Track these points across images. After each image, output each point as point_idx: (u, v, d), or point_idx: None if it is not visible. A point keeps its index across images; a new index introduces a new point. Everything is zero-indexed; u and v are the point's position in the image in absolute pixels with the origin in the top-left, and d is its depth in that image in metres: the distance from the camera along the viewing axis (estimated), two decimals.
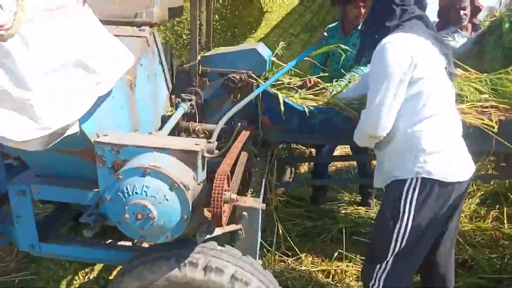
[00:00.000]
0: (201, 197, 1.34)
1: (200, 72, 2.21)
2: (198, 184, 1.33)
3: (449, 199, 1.52)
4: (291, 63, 2.07)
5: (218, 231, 1.43)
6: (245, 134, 2.07)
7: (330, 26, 3.01)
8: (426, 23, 1.64)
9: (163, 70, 2.10)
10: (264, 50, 2.25)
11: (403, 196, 1.54)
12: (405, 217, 1.52)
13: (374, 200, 3.19)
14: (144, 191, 1.21)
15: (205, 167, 1.43)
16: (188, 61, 2.23)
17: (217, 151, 1.52)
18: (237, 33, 4.30)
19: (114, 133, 1.43)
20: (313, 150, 3.23)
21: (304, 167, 3.60)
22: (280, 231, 2.37)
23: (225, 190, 1.27)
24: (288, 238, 2.43)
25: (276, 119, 2.22)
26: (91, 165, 1.39)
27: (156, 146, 1.32)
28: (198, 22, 2.21)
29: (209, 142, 1.55)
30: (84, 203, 1.56)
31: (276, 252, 2.45)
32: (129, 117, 1.69)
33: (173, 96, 2.25)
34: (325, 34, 2.89)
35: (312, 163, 3.53)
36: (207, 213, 1.41)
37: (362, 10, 2.67)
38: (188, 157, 1.32)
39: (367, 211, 3.09)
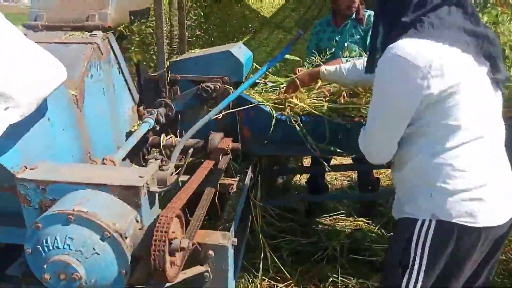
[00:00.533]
0: (149, 242, 1.09)
1: (169, 80, 1.96)
2: (141, 229, 1.07)
3: (476, 245, 1.16)
4: (266, 66, 1.79)
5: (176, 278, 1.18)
6: (219, 150, 1.82)
7: (321, 20, 2.79)
8: (462, 9, 1.14)
9: (125, 80, 1.84)
10: (240, 52, 1.99)
11: (414, 239, 1.18)
12: (416, 266, 1.18)
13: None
14: (67, 244, 0.96)
15: (156, 202, 1.18)
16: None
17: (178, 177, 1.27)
18: (227, 30, 4.04)
19: (45, 164, 1.18)
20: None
21: (298, 176, 3.32)
22: (268, 254, 2.12)
23: (172, 238, 1.01)
24: (277, 261, 2.17)
25: (257, 130, 1.97)
26: None
27: (89, 181, 1.07)
28: (167, 25, 1.95)
29: (162, 170, 1.30)
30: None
31: (264, 278, 2.19)
32: (75, 139, 1.44)
33: (141, 108, 2.00)
34: (317, 28, 2.68)
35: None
36: None
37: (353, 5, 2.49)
38: (129, 194, 1.07)
39: (368, 223, 2.82)
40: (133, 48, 2.04)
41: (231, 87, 1.93)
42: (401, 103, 1.13)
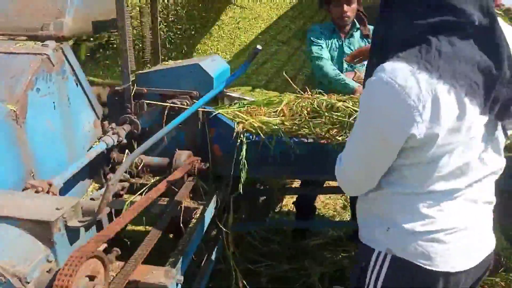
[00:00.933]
0: None
1: (135, 94, 1.83)
2: (49, 271, 0.92)
3: None
4: (224, 82, 1.65)
5: None
6: (183, 170, 1.67)
7: (319, 25, 2.56)
8: (485, 37, 0.88)
9: (84, 92, 1.71)
10: (212, 65, 1.84)
11: (369, 269, 1.10)
12: None
13: None
14: None
15: (82, 237, 1.03)
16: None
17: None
18: (216, 40, 3.91)
19: None
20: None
21: (287, 197, 3.12)
22: (240, 283, 1.94)
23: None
24: None
25: (228, 149, 1.81)
26: None
27: None
28: (130, 36, 1.81)
29: (92, 199, 1.15)
30: None
31: None
32: (14, 159, 1.31)
33: (106, 123, 1.87)
34: (321, 32, 2.45)
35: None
36: None
37: (345, 8, 2.34)
38: (40, 229, 0.92)
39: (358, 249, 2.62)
40: None
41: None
42: (387, 134, 0.94)
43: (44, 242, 0.93)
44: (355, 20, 2.46)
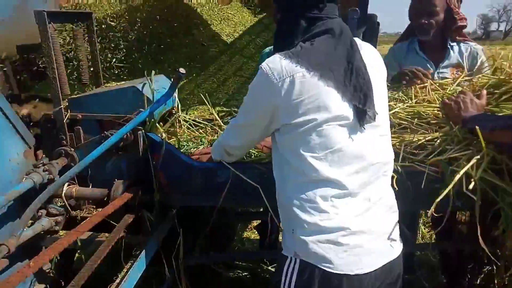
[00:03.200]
0: None
1: (70, 120, 1.69)
2: None
3: None
4: (149, 108, 1.55)
5: None
6: (121, 202, 1.53)
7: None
8: (340, 38, 1.13)
9: (10, 121, 1.56)
10: (150, 88, 1.71)
11: (283, 278, 1.13)
12: None
13: None
14: None
15: None
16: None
17: None
18: (174, 58, 3.79)
19: None
20: None
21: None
22: None
23: None
24: None
25: (174, 177, 1.68)
26: None
27: None
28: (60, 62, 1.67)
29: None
30: None
31: None
32: None
33: (39, 153, 1.71)
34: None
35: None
36: None
37: None
38: None
39: None
40: None
41: (141, 128, 1.66)
42: (254, 114, 1.18)
43: None
44: None
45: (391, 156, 1.19)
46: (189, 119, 1.97)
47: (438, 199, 1.21)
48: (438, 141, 1.39)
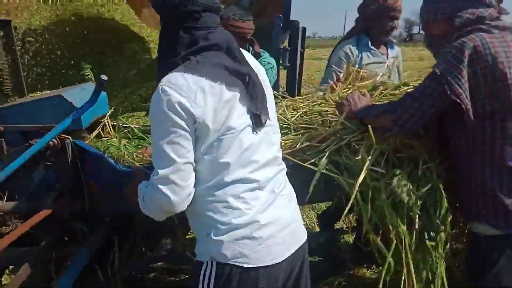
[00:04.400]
0: None
1: None
2: None
3: (259, 285, 1.12)
4: (70, 117, 1.56)
5: None
6: (37, 217, 1.49)
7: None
8: (229, 55, 1.18)
9: None
10: (80, 95, 1.71)
11: (200, 284, 1.13)
12: None
13: None
14: None
15: None
16: None
17: None
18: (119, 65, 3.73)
19: None
20: None
21: None
22: None
23: None
24: None
25: (106, 185, 1.68)
26: None
27: None
28: None
29: None
30: None
31: None
32: None
33: None
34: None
35: None
36: None
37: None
38: None
39: None
40: None
41: (68, 137, 1.64)
42: (169, 132, 1.08)
43: None
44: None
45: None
46: (117, 123, 1.96)
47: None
48: (338, 134, 1.57)
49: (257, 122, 1.17)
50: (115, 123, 2.00)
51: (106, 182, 1.65)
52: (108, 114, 1.97)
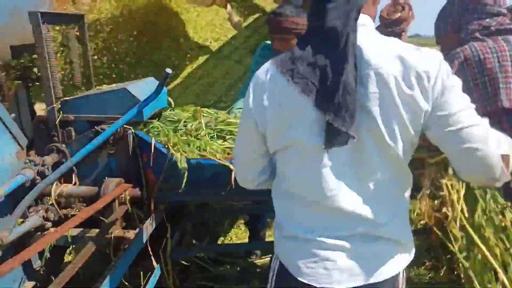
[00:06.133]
0: None
1: (62, 122, 1.76)
2: None
3: None
4: (135, 108, 1.65)
5: None
6: (103, 201, 1.59)
7: (268, 44, 2.33)
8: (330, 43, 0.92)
9: (3, 122, 1.63)
10: (143, 89, 1.80)
11: (269, 277, 1.10)
12: None
13: None
14: None
15: None
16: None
17: None
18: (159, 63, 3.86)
19: None
20: None
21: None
22: None
23: None
24: None
25: (162, 174, 1.76)
26: None
27: None
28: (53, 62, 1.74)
29: None
30: None
31: None
32: None
33: (32, 153, 1.78)
34: (264, 52, 2.30)
35: None
36: None
37: (277, 45, 2.06)
38: None
39: None
40: None
41: (130, 128, 1.74)
42: (246, 127, 1.06)
43: None
44: None
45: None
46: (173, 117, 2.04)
47: None
48: None
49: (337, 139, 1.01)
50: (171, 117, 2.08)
51: (162, 172, 1.74)
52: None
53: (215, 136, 1.82)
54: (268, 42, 2.32)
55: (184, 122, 1.93)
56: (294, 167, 1.00)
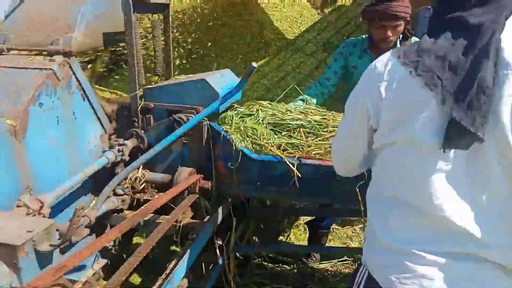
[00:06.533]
0: None
1: (142, 109, 1.82)
2: None
3: None
4: (217, 101, 1.62)
5: None
6: (183, 187, 1.62)
7: (353, 41, 2.27)
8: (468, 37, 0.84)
9: (92, 107, 1.72)
10: (220, 81, 1.80)
11: (354, 285, 1.02)
12: None
13: None
14: None
15: (50, 262, 1.00)
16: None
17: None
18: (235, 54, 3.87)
19: None
20: None
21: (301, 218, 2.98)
22: None
23: None
24: None
25: (232, 167, 1.75)
26: None
27: None
28: (139, 50, 1.79)
29: (72, 220, 1.11)
30: None
31: None
32: (10, 174, 1.32)
33: (113, 137, 1.87)
34: (349, 49, 2.22)
35: None
36: None
37: (389, 33, 2.00)
38: (6, 253, 0.90)
39: None
40: None
41: (205, 119, 1.74)
42: (352, 118, 1.01)
43: (10, 267, 0.90)
44: (399, 39, 2.11)
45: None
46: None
47: None
48: None
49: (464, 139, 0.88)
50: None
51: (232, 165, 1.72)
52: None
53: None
54: (353, 38, 2.26)
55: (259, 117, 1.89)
56: (399, 167, 0.90)
